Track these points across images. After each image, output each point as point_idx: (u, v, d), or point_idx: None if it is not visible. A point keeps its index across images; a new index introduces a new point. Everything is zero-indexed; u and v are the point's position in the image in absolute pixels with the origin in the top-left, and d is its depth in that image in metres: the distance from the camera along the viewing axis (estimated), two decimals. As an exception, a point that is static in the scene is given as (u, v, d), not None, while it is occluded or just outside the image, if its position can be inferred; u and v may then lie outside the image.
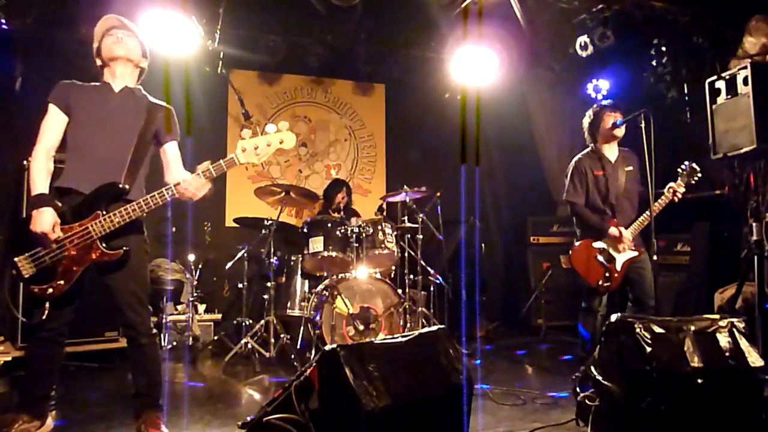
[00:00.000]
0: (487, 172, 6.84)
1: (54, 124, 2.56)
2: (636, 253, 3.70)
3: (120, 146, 2.60)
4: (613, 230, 3.66)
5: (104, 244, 2.48)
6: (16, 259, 2.45)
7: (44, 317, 2.47)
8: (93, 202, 2.50)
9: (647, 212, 3.61)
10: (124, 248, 2.51)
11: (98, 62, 2.69)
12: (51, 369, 2.61)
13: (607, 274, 3.68)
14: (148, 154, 2.69)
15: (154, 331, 2.67)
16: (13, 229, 2.58)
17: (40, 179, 2.49)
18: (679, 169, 3.70)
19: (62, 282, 2.46)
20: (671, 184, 3.65)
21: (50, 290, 2.45)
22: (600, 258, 3.70)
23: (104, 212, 2.47)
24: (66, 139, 2.59)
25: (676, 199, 3.65)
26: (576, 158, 3.91)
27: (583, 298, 3.86)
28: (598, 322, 3.77)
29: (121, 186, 2.56)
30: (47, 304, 2.47)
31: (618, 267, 3.69)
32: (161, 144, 2.74)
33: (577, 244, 3.82)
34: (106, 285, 2.57)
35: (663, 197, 3.64)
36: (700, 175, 3.67)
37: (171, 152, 2.75)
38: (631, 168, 3.84)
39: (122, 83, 2.68)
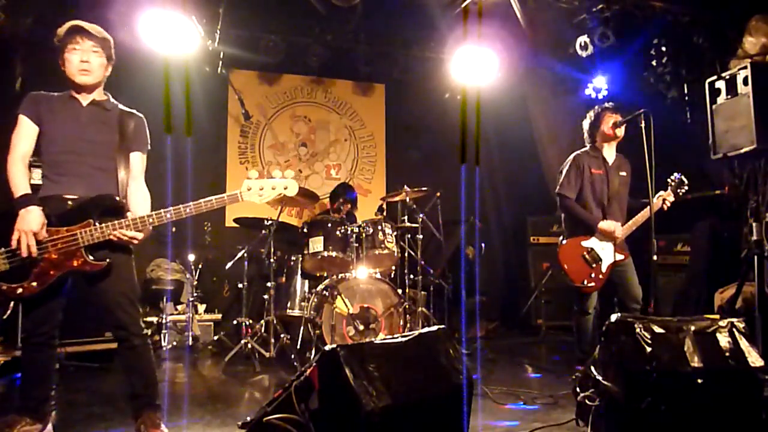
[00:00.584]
0: (487, 172, 6.84)
1: (26, 134, 2.53)
2: (622, 257, 3.72)
3: (102, 161, 2.58)
4: (604, 224, 3.66)
5: (88, 254, 2.44)
6: None
7: (5, 317, 2.43)
8: (86, 210, 2.47)
9: (634, 218, 3.70)
10: (107, 260, 2.47)
11: (62, 66, 2.61)
12: (47, 372, 2.60)
13: (592, 275, 3.69)
14: (130, 166, 2.66)
15: (146, 331, 2.66)
16: None
17: (21, 181, 2.46)
18: (669, 180, 3.76)
19: (35, 284, 2.40)
20: (661, 192, 3.71)
21: (20, 290, 2.39)
22: (587, 257, 3.71)
23: (96, 222, 2.44)
24: (40, 152, 2.56)
25: (665, 207, 3.72)
26: (575, 153, 3.91)
27: (574, 300, 3.87)
28: (593, 322, 3.79)
29: (118, 200, 2.54)
30: (11, 304, 2.43)
31: (603, 268, 3.70)
32: (129, 150, 2.69)
33: (564, 242, 3.83)
34: (94, 288, 2.52)
35: (647, 210, 3.66)
36: (686, 187, 3.74)
37: (134, 161, 2.68)
38: (624, 173, 3.87)
39: (89, 98, 2.64)
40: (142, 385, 2.60)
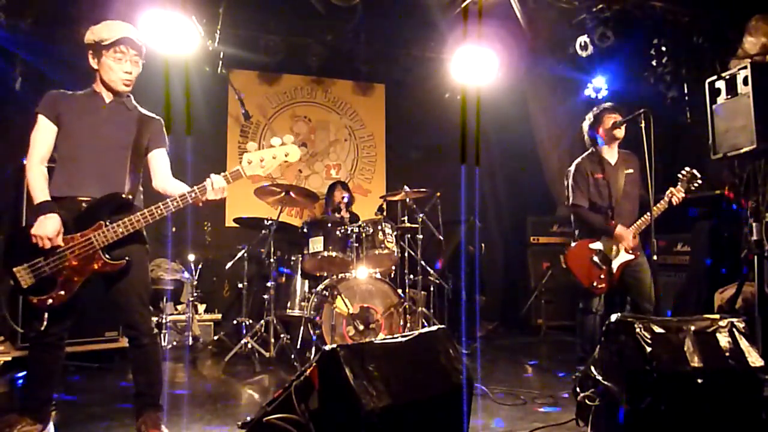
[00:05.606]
0: (487, 172, 6.84)
1: (44, 134, 2.54)
2: (632, 257, 3.70)
3: (115, 157, 2.60)
4: (620, 229, 3.65)
5: (107, 255, 2.47)
6: (14, 269, 2.42)
7: (42, 328, 2.46)
8: (95, 213, 2.49)
9: (646, 215, 3.65)
10: (127, 259, 2.50)
11: (92, 62, 2.60)
12: (53, 372, 2.61)
13: (601, 276, 3.69)
14: (143, 165, 2.70)
15: (155, 331, 2.67)
16: (11, 239, 2.55)
17: (41, 187, 2.48)
18: (680, 174, 3.72)
19: (63, 292, 2.44)
20: (671, 189, 3.68)
21: (50, 300, 2.43)
22: (596, 259, 3.71)
23: (107, 223, 2.46)
24: (56, 148, 2.57)
25: (674, 202, 3.68)
26: (576, 161, 3.91)
27: (579, 299, 3.87)
28: (596, 322, 3.78)
29: (124, 196, 2.56)
30: (46, 314, 2.46)
31: (613, 269, 3.69)
32: (148, 151, 2.72)
33: (573, 244, 3.83)
34: (108, 286, 2.56)
35: (662, 201, 3.65)
36: (700, 181, 3.70)
37: (159, 158, 2.73)
38: (631, 170, 3.84)
39: (112, 95, 2.65)
40: (147, 384, 2.62)
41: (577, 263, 3.74)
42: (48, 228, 2.37)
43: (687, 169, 3.72)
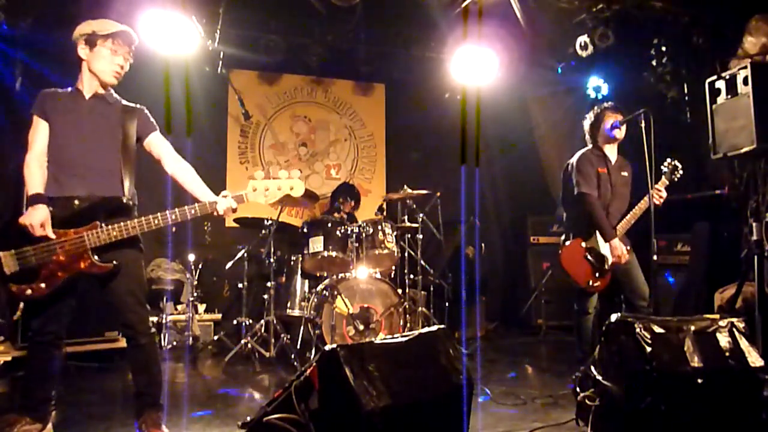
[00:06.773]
0: (487, 172, 6.84)
1: (41, 133, 2.56)
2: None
3: (103, 153, 2.59)
4: (615, 243, 3.64)
5: (96, 256, 2.45)
6: (0, 253, 2.42)
7: (15, 318, 2.46)
8: (92, 212, 2.49)
9: (633, 211, 3.69)
10: (114, 263, 2.48)
11: (81, 52, 2.60)
12: (51, 372, 2.61)
13: (596, 274, 3.69)
14: (135, 160, 2.69)
15: (153, 330, 2.67)
16: (5, 226, 2.54)
17: (36, 181, 2.50)
18: (662, 166, 3.73)
19: (43, 285, 2.42)
20: (656, 186, 3.64)
21: (29, 291, 2.42)
22: (589, 257, 3.70)
23: (103, 224, 2.46)
24: (48, 149, 2.59)
25: (655, 194, 3.61)
26: (581, 153, 3.89)
27: (575, 301, 3.86)
28: (593, 323, 3.78)
29: (125, 201, 2.57)
30: (21, 305, 2.46)
31: (607, 267, 3.70)
32: (141, 140, 2.72)
33: (567, 243, 3.82)
34: (103, 286, 2.56)
35: (644, 202, 3.63)
36: (681, 172, 3.72)
37: (157, 142, 2.74)
38: (626, 174, 3.87)
39: (93, 90, 2.65)
40: (146, 383, 2.62)
41: (572, 263, 3.74)
42: (34, 217, 2.39)
43: (669, 160, 3.74)
